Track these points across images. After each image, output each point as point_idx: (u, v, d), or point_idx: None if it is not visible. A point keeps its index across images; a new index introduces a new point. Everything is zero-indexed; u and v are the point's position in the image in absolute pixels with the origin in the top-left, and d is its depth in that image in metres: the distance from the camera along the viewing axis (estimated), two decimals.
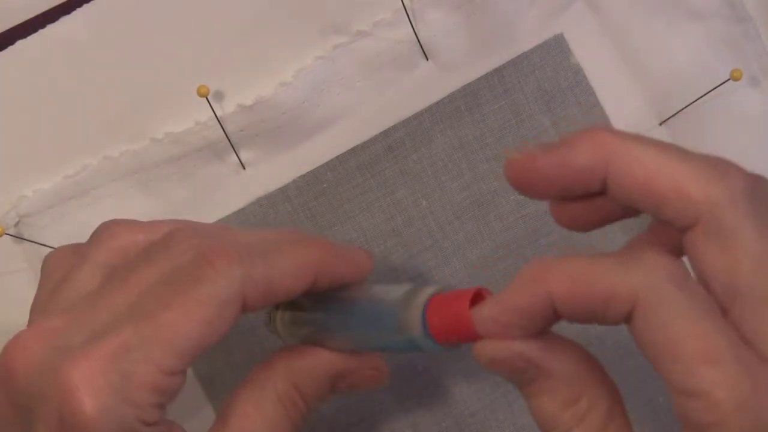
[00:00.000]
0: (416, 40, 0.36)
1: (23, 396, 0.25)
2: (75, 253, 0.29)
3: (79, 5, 0.36)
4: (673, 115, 0.37)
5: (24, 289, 0.35)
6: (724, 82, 0.35)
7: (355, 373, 0.29)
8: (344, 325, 0.28)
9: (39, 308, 0.28)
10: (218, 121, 0.34)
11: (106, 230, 0.29)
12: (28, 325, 0.27)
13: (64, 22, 0.36)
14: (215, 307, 0.25)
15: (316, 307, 0.29)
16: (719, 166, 0.23)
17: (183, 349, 0.24)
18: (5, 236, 0.35)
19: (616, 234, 0.37)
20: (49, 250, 0.35)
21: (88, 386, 0.23)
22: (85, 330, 0.25)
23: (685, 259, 0.24)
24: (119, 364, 0.24)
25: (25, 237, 0.35)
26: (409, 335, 0.25)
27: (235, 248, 0.26)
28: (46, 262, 0.30)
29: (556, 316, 0.23)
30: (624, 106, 0.38)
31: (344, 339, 0.28)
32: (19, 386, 0.25)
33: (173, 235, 0.27)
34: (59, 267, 0.29)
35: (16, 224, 0.35)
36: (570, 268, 0.23)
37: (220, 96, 0.36)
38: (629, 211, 0.25)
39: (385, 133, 0.37)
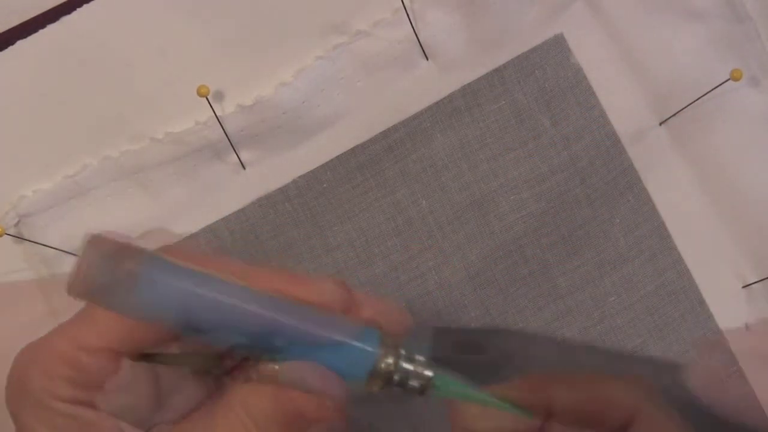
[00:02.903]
0: (416, 40, 0.36)
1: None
2: None
3: (80, 5, 0.36)
4: (673, 115, 0.37)
5: (24, 288, 0.35)
6: (724, 82, 0.35)
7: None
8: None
9: None
10: (218, 121, 0.34)
11: None
12: None
13: (64, 22, 0.36)
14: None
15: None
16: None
17: (105, 332, 0.26)
18: (5, 236, 0.35)
19: (617, 235, 0.37)
20: (49, 250, 0.35)
21: (24, 359, 0.26)
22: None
23: None
24: (47, 338, 0.26)
25: (25, 237, 0.35)
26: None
27: None
28: None
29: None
30: (624, 106, 0.38)
31: None
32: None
33: None
34: None
35: (16, 224, 0.35)
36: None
37: (220, 96, 0.36)
38: None
39: (385, 133, 0.37)
